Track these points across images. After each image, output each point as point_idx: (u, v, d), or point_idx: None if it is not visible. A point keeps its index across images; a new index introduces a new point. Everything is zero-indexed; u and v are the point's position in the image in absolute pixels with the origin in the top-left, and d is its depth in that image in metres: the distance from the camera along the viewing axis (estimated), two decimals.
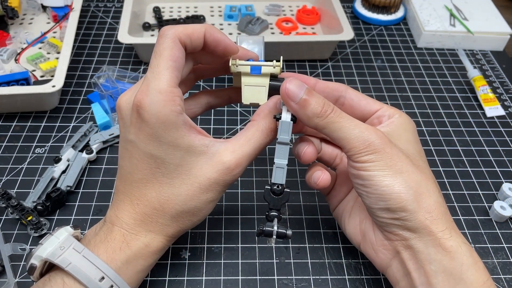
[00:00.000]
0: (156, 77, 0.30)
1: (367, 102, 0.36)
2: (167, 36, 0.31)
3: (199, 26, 0.32)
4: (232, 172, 0.32)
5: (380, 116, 0.35)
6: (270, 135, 0.33)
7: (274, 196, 0.33)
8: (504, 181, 0.48)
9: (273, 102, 0.34)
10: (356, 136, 0.31)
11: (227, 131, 0.52)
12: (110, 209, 0.33)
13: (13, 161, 0.48)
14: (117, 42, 0.64)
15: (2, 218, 0.42)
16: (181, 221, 0.32)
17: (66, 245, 0.29)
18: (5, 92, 0.49)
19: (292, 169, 0.48)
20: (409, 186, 0.30)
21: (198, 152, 0.31)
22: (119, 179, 0.33)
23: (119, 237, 0.31)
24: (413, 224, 0.30)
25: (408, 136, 0.34)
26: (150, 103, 0.29)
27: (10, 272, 0.37)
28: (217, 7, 0.72)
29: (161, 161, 0.31)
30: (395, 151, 0.31)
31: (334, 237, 0.42)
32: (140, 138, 0.31)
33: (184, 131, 0.30)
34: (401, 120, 0.35)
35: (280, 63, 0.35)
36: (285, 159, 0.32)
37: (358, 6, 0.73)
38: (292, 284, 0.39)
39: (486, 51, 0.67)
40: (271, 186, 0.33)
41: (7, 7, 0.61)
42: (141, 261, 0.32)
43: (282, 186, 0.33)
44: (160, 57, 0.30)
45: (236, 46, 0.34)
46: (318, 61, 0.63)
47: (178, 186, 0.31)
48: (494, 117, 0.56)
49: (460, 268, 0.29)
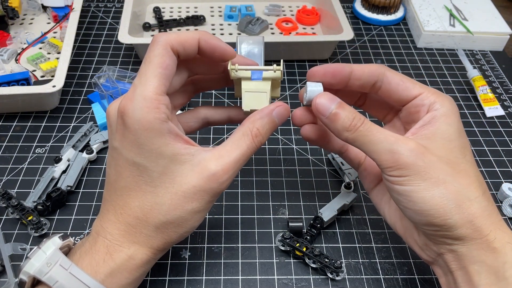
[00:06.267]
0: (143, 83, 0.29)
1: (406, 87, 0.33)
2: (158, 43, 0.30)
3: (193, 34, 0.32)
4: (218, 179, 0.30)
5: (419, 105, 0.32)
6: (257, 139, 0.32)
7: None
8: (503, 181, 0.48)
9: (269, 109, 0.33)
10: (385, 150, 0.30)
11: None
12: (96, 219, 0.33)
13: (14, 161, 0.48)
14: (118, 42, 0.64)
15: (2, 218, 0.43)
16: (166, 233, 0.31)
17: (52, 261, 0.29)
18: (5, 92, 0.49)
19: (292, 169, 0.48)
20: (448, 198, 0.29)
21: (183, 160, 0.30)
22: (106, 188, 0.32)
23: (102, 249, 0.30)
24: (455, 234, 0.29)
25: (452, 134, 0.31)
26: (133, 109, 0.29)
27: (10, 272, 0.37)
28: (217, 7, 0.72)
29: (144, 169, 0.30)
30: (430, 162, 0.29)
31: (334, 236, 0.42)
32: (124, 145, 0.30)
33: (168, 139, 0.29)
34: (443, 111, 0.31)
35: (281, 67, 0.34)
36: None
37: (358, 6, 0.73)
38: (292, 284, 0.39)
39: (485, 51, 0.67)
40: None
41: (8, 7, 0.61)
42: (126, 274, 0.30)
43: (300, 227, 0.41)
44: (149, 63, 0.30)
45: (233, 51, 0.34)
46: (318, 61, 0.63)
47: (162, 195, 0.30)
48: (493, 117, 0.56)
49: (503, 266, 0.29)
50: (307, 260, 0.39)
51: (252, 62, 0.35)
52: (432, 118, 0.31)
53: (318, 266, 0.39)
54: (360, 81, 0.34)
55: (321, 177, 0.48)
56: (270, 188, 0.46)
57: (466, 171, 0.30)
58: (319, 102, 0.32)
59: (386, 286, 0.39)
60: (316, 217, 0.42)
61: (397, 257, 0.41)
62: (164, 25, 0.67)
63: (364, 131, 0.30)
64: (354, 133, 0.31)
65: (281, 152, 0.50)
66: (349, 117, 0.31)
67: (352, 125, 0.31)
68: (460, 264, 0.30)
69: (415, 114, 0.33)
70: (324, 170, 0.48)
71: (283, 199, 0.45)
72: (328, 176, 0.48)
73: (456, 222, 0.29)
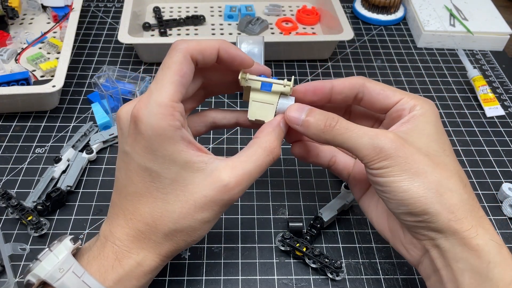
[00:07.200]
0: (159, 89, 0.29)
1: (386, 95, 0.34)
2: (178, 50, 0.30)
3: (213, 43, 0.31)
4: (230, 191, 0.30)
5: (400, 109, 0.33)
6: (273, 153, 0.32)
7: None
8: (504, 181, 0.48)
9: (277, 121, 0.34)
10: (366, 144, 0.30)
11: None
12: (104, 223, 0.32)
13: (13, 161, 0.48)
14: (117, 42, 0.64)
15: (2, 218, 0.43)
16: (174, 240, 0.31)
17: (65, 267, 0.28)
18: (5, 92, 0.49)
19: (292, 169, 0.48)
20: (428, 188, 0.29)
21: (195, 168, 0.30)
22: (115, 192, 0.32)
23: (111, 254, 0.30)
24: (437, 226, 0.30)
25: (430, 130, 0.32)
26: (148, 115, 0.29)
27: (10, 272, 0.37)
28: (217, 7, 0.72)
29: (156, 175, 0.30)
30: (410, 153, 0.30)
31: (334, 237, 0.42)
32: (136, 150, 0.30)
33: (182, 146, 0.29)
34: (422, 112, 0.32)
35: (291, 83, 0.34)
36: None
37: (358, 6, 0.73)
38: (292, 284, 0.39)
39: (486, 51, 0.67)
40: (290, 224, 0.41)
41: (7, 7, 0.61)
42: (134, 281, 0.30)
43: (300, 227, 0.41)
44: (168, 70, 0.30)
45: (251, 60, 0.33)
46: (318, 61, 0.63)
47: (172, 203, 0.30)
48: (494, 117, 0.56)
49: (487, 266, 0.29)
50: (307, 260, 0.39)
51: (263, 68, 0.35)
52: (411, 117, 0.32)
53: (318, 266, 0.39)
54: (341, 95, 0.35)
55: (321, 177, 0.48)
56: (270, 188, 0.46)
57: (445, 164, 0.31)
58: (289, 114, 0.33)
59: (386, 286, 0.39)
60: (316, 217, 0.42)
61: (397, 257, 0.41)
62: (164, 25, 0.67)
63: (341, 129, 0.31)
64: (331, 133, 0.31)
65: (281, 152, 0.50)
66: (322, 119, 0.32)
67: (326, 125, 0.31)
68: (444, 262, 0.30)
69: (397, 119, 0.33)
70: (324, 170, 0.48)
71: (283, 199, 0.45)
72: (328, 176, 0.48)
73: (436, 211, 0.29)
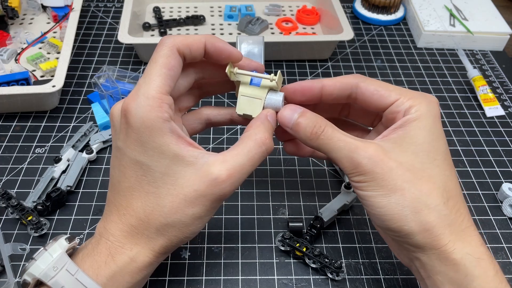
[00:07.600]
0: (147, 82, 0.30)
1: (380, 95, 0.33)
2: (165, 44, 0.31)
3: (199, 37, 0.32)
4: (221, 184, 0.29)
5: (395, 112, 0.32)
6: (265, 144, 0.32)
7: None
8: (504, 181, 0.48)
9: (264, 114, 0.34)
10: (345, 157, 0.30)
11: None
12: (100, 221, 0.33)
13: (13, 161, 0.48)
14: (117, 42, 0.64)
15: (2, 218, 0.43)
16: (166, 236, 0.31)
17: (59, 265, 0.28)
18: (5, 92, 0.49)
19: (292, 169, 0.48)
20: (403, 205, 0.29)
21: (185, 162, 0.30)
22: (110, 189, 0.32)
23: (104, 250, 0.30)
24: (414, 242, 0.30)
25: (422, 137, 0.31)
26: (136, 107, 0.29)
27: (10, 272, 0.37)
28: (217, 7, 0.72)
29: (147, 168, 0.30)
30: (388, 168, 0.29)
31: (334, 237, 0.42)
32: (127, 144, 0.30)
33: (171, 139, 0.29)
34: (417, 115, 0.31)
35: (277, 77, 0.33)
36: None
37: (358, 6, 0.73)
38: (292, 284, 0.39)
39: (486, 51, 0.67)
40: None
41: (7, 7, 0.61)
42: (127, 277, 0.30)
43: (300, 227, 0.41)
44: (155, 64, 0.30)
45: (240, 53, 0.34)
46: (318, 61, 0.63)
47: (163, 197, 0.30)
48: (494, 117, 0.56)
49: (465, 279, 0.29)
50: (307, 260, 0.39)
51: (256, 64, 0.35)
52: (404, 122, 0.31)
53: (318, 266, 0.39)
54: (332, 95, 0.35)
55: (321, 177, 0.48)
56: (270, 188, 0.46)
57: (430, 177, 0.30)
58: (281, 115, 0.33)
59: (386, 286, 0.39)
60: (316, 217, 0.42)
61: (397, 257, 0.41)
62: (164, 25, 0.67)
63: (325, 139, 0.31)
64: (316, 141, 0.31)
65: (281, 152, 0.50)
66: (310, 125, 0.32)
67: (313, 133, 0.31)
68: (426, 273, 0.31)
69: (391, 121, 0.33)
70: (324, 170, 0.48)
71: (283, 199, 0.45)
72: (328, 176, 0.48)
73: (411, 229, 0.29)
